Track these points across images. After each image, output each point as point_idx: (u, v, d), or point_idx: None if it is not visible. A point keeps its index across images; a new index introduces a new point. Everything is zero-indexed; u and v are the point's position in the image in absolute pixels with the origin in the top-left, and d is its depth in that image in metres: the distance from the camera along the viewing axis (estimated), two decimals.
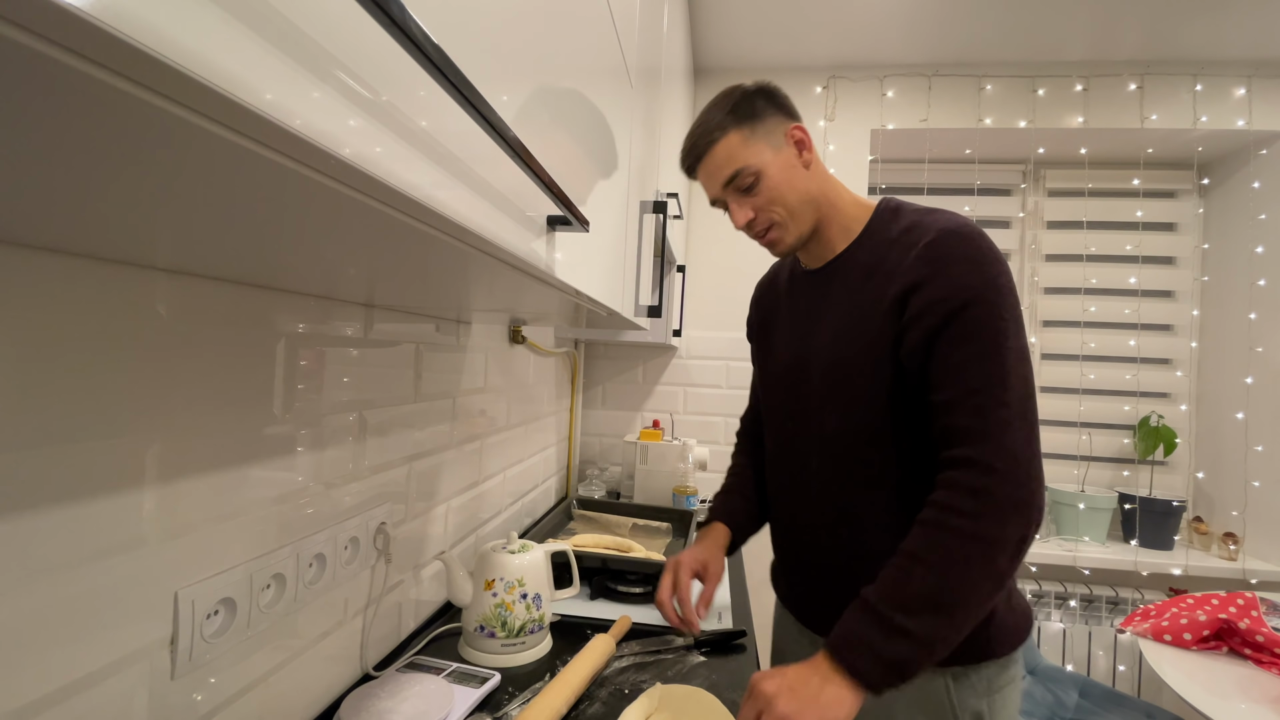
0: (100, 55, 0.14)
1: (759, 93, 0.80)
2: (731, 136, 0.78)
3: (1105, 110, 1.82)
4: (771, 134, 0.79)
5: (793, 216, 0.80)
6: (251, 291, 0.60)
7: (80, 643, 0.45)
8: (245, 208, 0.30)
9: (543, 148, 0.44)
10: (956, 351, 0.68)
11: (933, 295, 0.70)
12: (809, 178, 0.81)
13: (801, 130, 0.80)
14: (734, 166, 0.78)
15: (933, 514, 0.66)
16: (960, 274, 0.69)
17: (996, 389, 0.66)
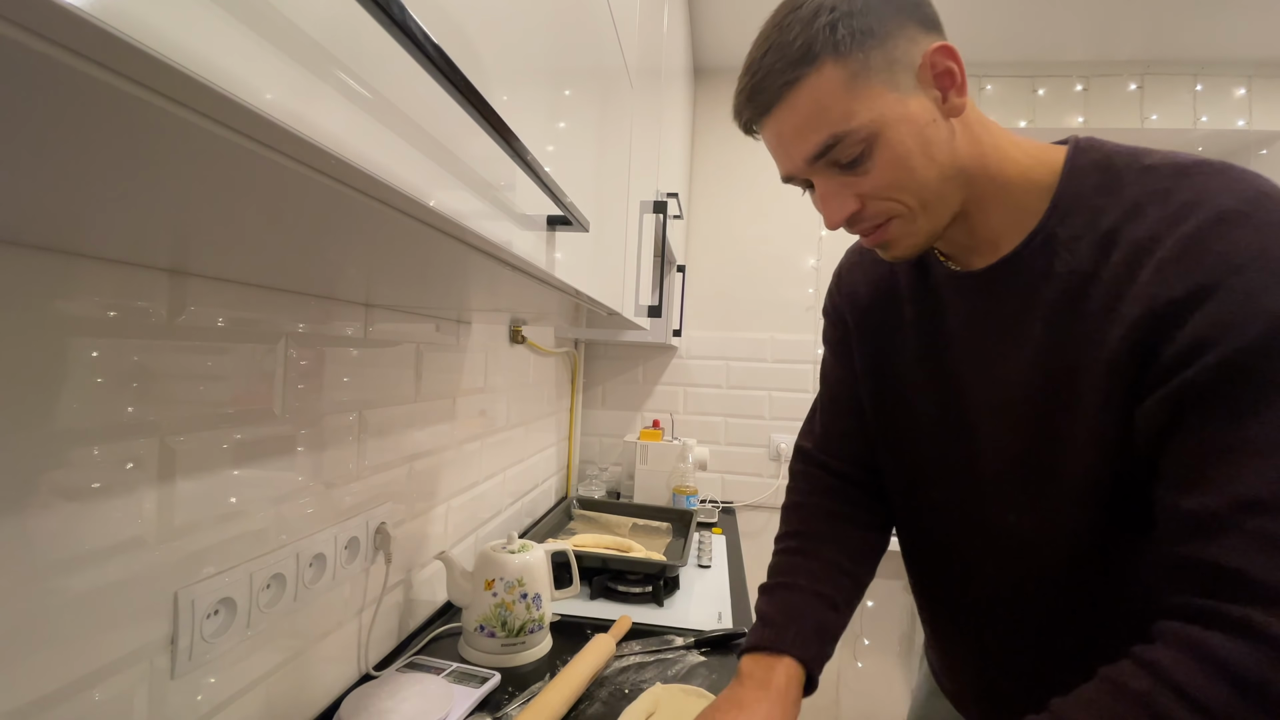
0: (100, 55, 0.14)
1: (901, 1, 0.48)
2: (827, 72, 0.46)
3: (1105, 110, 1.82)
4: (898, 65, 0.47)
5: (926, 204, 0.50)
6: (252, 291, 0.60)
7: (80, 643, 0.45)
8: (245, 208, 0.30)
9: (543, 148, 0.44)
10: (1232, 430, 0.40)
11: (1204, 329, 0.41)
12: (954, 136, 0.49)
13: (951, 54, 0.48)
14: (828, 130, 0.47)
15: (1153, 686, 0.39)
16: (1249, 287, 0.40)
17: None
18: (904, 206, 0.50)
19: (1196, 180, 0.43)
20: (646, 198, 0.98)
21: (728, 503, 1.93)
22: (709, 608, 1.12)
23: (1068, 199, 0.49)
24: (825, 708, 1.90)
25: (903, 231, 0.51)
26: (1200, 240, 0.41)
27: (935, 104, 0.48)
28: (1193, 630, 0.40)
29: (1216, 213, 0.41)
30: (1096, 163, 0.49)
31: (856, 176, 0.49)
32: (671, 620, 1.05)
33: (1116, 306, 0.45)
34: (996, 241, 0.53)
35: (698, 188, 1.99)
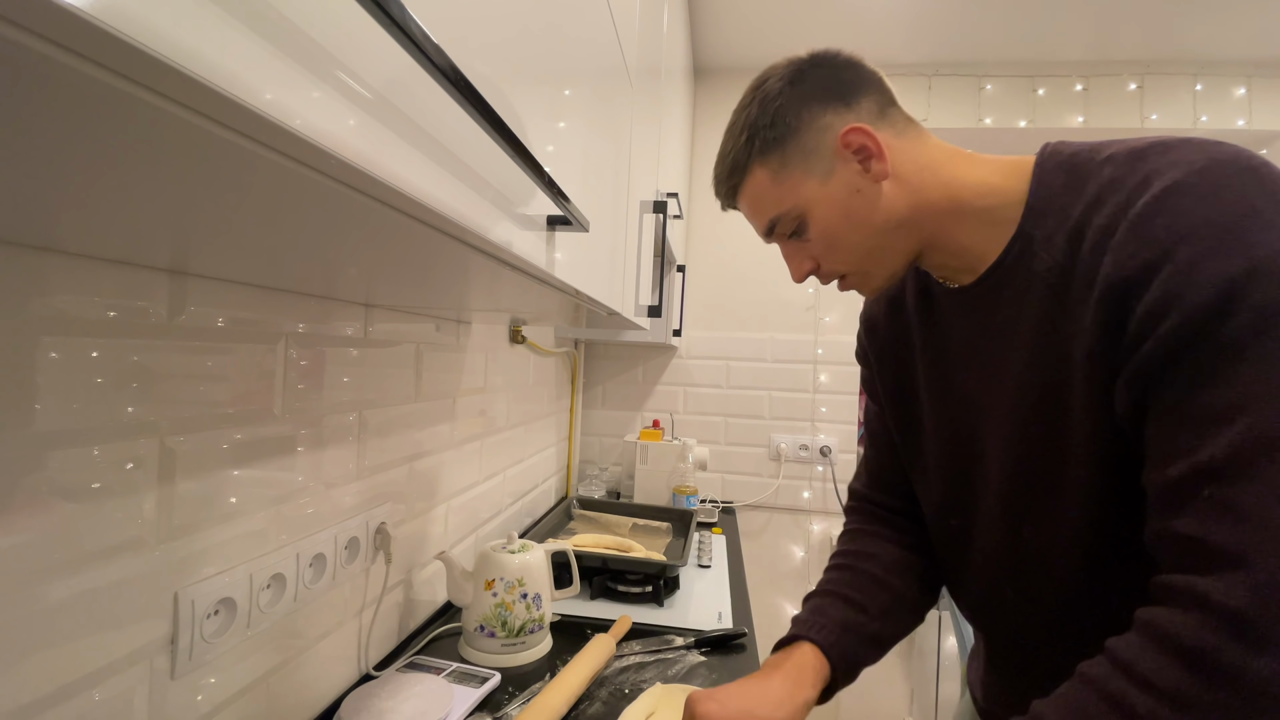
0: (100, 55, 0.14)
1: (789, 85, 0.54)
2: (755, 176, 0.57)
3: (1105, 110, 1.82)
4: (812, 154, 0.54)
5: (869, 259, 0.56)
6: (252, 291, 0.60)
7: (80, 643, 0.45)
8: (245, 207, 0.30)
9: (542, 147, 0.44)
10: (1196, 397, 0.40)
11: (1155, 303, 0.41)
12: (885, 199, 0.54)
13: (861, 132, 0.53)
14: (767, 216, 0.58)
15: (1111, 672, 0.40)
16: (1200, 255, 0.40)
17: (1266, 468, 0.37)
18: (848, 265, 0.57)
19: (1149, 160, 0.44)
20: (646, 198, 0.98)
21: (728, 503, 1.93)
22: (709, 608, 1.12)
23: (1039, 203, 0.51)
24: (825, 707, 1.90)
25: (859, 283, 0.59)
26: (1147, 216, 0.42)
27: (857, 176, 0.54)
28: (1152, 610, 0.40)
29: (1163, 187, 0.42)
30: (1061, 163, 0.51)
31: (804, 243, 0.58)
32: (671, 620, 1.05)
33: (1089, 295, 0.46)
34: (983, 254, 0.55)
35: (698, 188, 1.99)
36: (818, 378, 1.92)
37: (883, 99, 0.56)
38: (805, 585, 1.89)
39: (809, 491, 1.92)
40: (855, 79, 0.55)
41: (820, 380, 1.92)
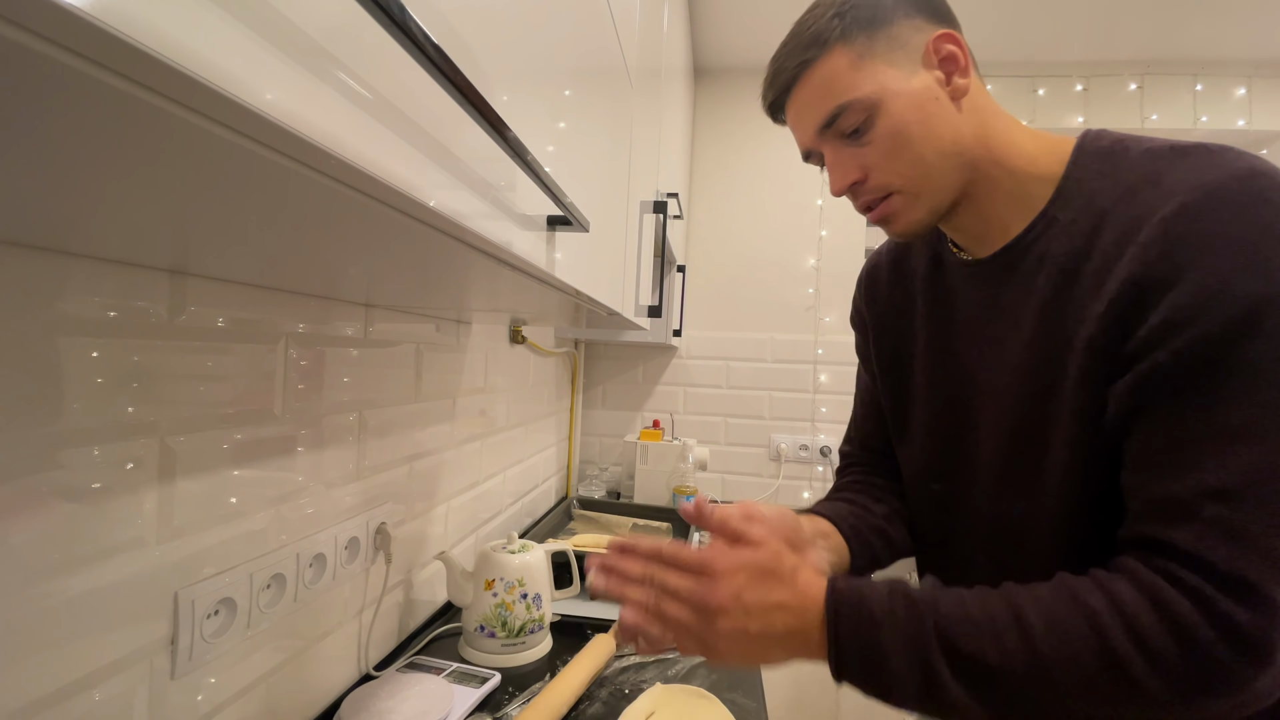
0: (100, 55, 0.14)
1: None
2: (836, 54, 0.51)
3: (1105, 110, 1.82)
4: (902, 47, 0.51)
5: (926, 179, 0.52)
6: (252, 291, 0.60)
7: (80, 643, 0.45)
8: (245, 208, 0.30)
9: (543, 147, 0.44)
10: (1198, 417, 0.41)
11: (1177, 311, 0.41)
12: (958, 117, 0.51)
13: (954, 39, 0.51)
14: (835, 101, 0.51)
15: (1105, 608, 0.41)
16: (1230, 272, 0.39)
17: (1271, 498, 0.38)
18: (903, 179, 0.52)
19: (1190, 161, 0.44)
20: (646, 198, 0.98)
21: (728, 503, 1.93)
22: None
23: (1070, 185, 0.50)
24: (825, 708, 1.90)
25: (903, 206, 0.53)
26: (1179, 220, 0.42)
27: (939, 84, 0.51)
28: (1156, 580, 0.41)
29: (1201, 193, 0.42)
30: (1101, 149, 0.50)
31: (861, 147, 0.52)
32: None
33: (1102, 285, 0.46)
34: (1005, 228, 0.54)
35: (698, 188, 1.99)
36: (818, 378, 1.92)
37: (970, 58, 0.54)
38: None
39: (809, 492, 1.92)
40: (947, 7, 0.54)
41: (820, 380, 1.92)
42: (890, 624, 0.44)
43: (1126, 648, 0.39)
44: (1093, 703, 0.40)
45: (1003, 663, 0.41)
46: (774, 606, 0.46)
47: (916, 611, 0.44)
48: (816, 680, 1.89)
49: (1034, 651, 0.41)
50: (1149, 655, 0.39)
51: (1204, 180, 0.42)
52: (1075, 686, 0.40)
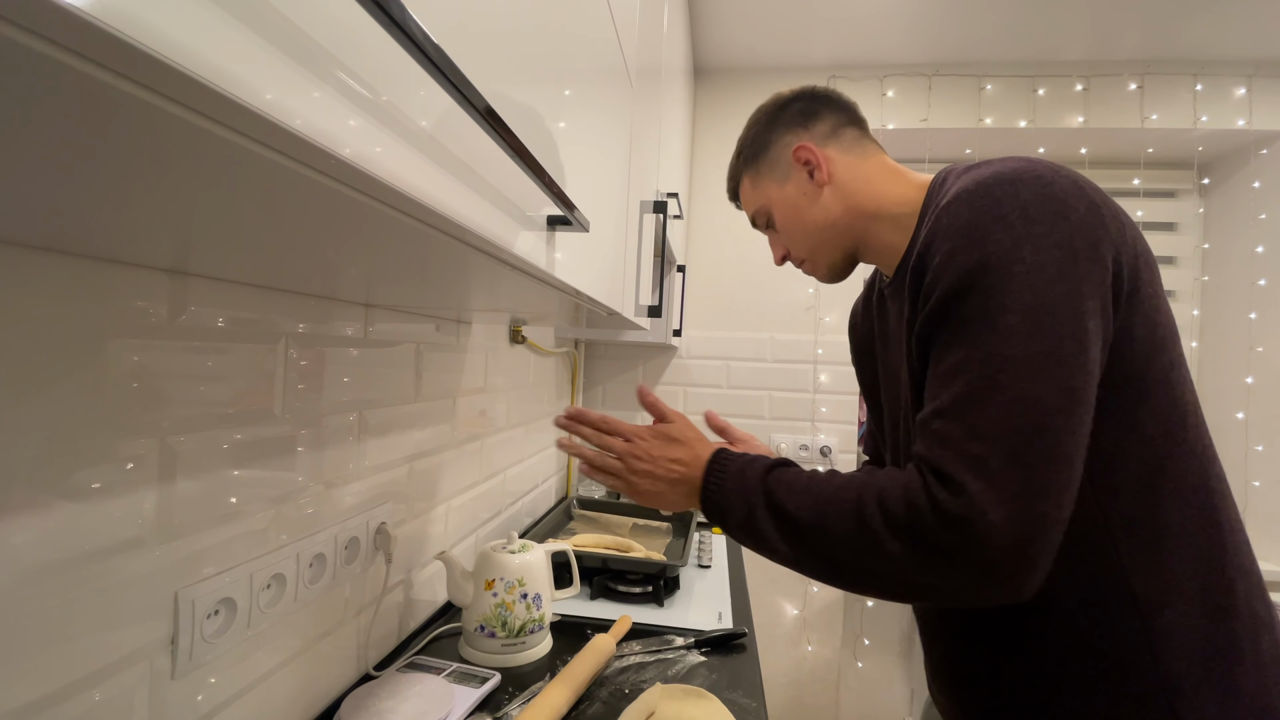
0: (100, 55, 0.14)
1: (767, 118, 0.74)
2: (744, 181, 0.77)
3: (1105, 110, 1.82)
4: (776, 165, 0.73)
5: (814, 250, 0.73)
6: (252, 291, 0.60)
7: (80, 643, 0.45)
8: (245, 208, 0.30)
9: (542, 147, 0.44)
10: (942, 358, 0.53)
11: (927, 285, 0.55)
12: (825, 201, 0.70)
13: (806, 149, 0.70)
14: (749, 211, 0.78)
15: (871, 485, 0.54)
16: (957, 248, 0.52)
17: (972, 415, 0.49)
18: (803, 252, 0.75)
19: (973, 172, 0.56)
20: (646, 198, 0.98)
21: None
22: (709, 608, 1.12)
23: (924, 211, 0.64)
24: (825, 707, 1.90)
25: (811, 268, 0.76)
26: (939, 216, 0.55)
27: (805, 183, 0.71)
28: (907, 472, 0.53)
29: (954, 194, 0.54)
30: (939, 180, 0.64)
31: (777, 233, 0.76)
32: (672, 620, 1.05)
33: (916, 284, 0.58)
34: (899, 253, 0.68)
35: (698, 188, 1.99)
36: (818, 378, 1.92)
37: (840, 121, 0.72)
38: (805, 585, 1.89)
39: None
40: (820, 108, 0.72)
41: (820, 380, 1.92)
42: (739, 479, 0.62)
43: (873, 510, 0.53)
44: (851, 551, 0.53)
45: (798, 513, 0.57)
46: (673, 460, 0.66)
47: (758, 473, 0.61)
48: (816, 680, 1.90)
49: (817, 509, 0.56)
50: (886, 516, 0.52)
51: (962, 184, 0.55)
52: (839, 538, 0.54)
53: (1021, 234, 0.50)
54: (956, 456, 0.50)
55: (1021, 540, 0.48)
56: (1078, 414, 0.49)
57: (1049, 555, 0.49)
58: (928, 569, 0.50)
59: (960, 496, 0.49)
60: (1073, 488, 0.49)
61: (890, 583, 0.53)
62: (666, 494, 0.66)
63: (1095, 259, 0.51)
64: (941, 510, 0.50)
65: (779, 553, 0.58)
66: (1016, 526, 0.47)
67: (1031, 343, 0.49)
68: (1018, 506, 0.47)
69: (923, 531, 0.50)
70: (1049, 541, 0.48)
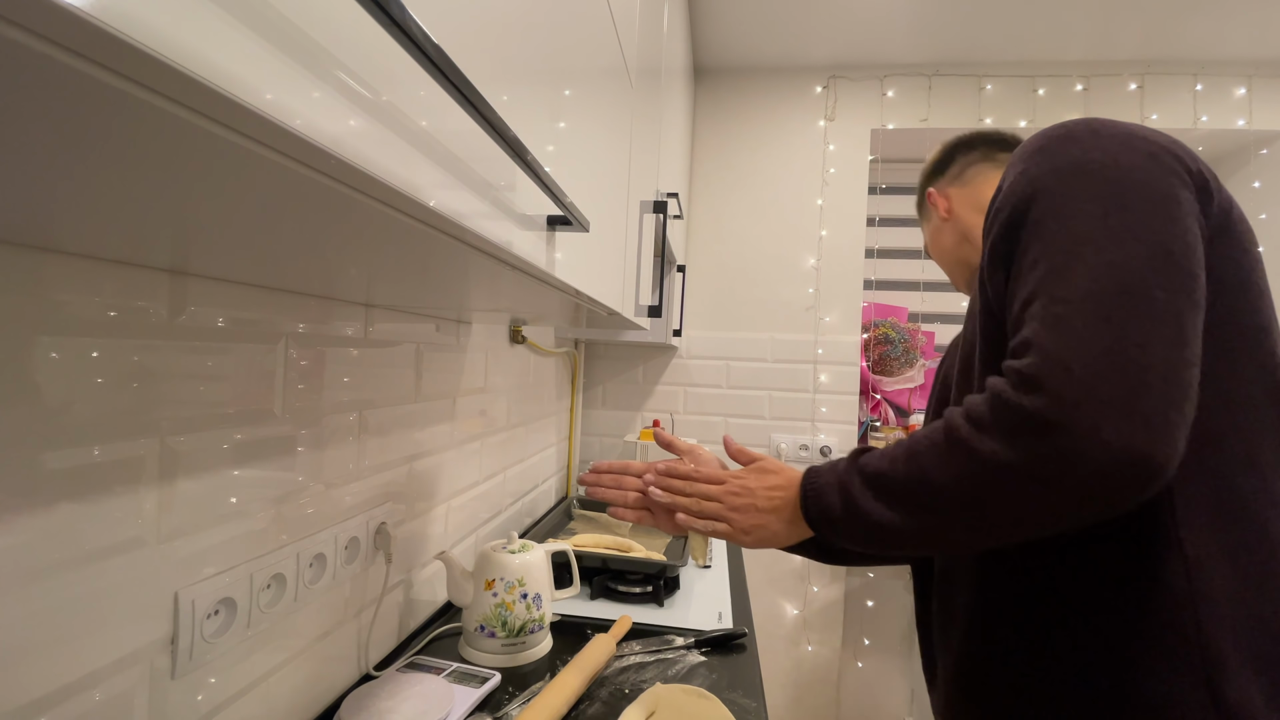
0: (100, 55, 0.14)
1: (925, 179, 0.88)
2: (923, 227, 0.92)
3: (1105, 110, 1.82)
4: (923, 208, 0.89)
5: (951, 269, 0.86)
6: (251, 291, 0.60)
7: (80, 643, 0.45)
8: (245, 208, 0.30)
9: (543, 147, 0.44)
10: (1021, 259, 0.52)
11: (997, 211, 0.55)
12: (947, 230, 0.84)
13: (931, 195, 0.85)
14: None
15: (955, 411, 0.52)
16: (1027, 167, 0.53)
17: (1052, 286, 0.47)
18: (949, 275, 0.88)
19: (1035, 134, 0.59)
20: (646, 198, 0.98)
21: None
22: (709, 608, 1.12)
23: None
24: (825, 707, 1.90)
25: (957, 286, 0.88)
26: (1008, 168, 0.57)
27: (937, 218, 0.86)
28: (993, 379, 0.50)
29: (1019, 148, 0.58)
30: None
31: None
32: (671, 620, 1.05)
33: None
34: None
35: (698, 188, 1.99)
36: (818, 378, 1.92)
37: (970, 160, 0.83)
38: (805, 585, 1.89)
39: None
40: (955, 154, 0.85)
41: (820, 380, 1.92)
42: (831, 470, 0.61)
43: (958, 422, 0.50)
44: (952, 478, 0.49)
45: (893, 469, 0.54)
46: (771, 487, 0.66)
47: (849, 458, 0.60)
48: (816, 680, 1.89)
49: (909, 456, 0.53)
50: (973, 421, 0.49)
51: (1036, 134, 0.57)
52: (935, 468, 0.51)
53: (1094, 144, 0.51)
54: (1036, 324, 0.46)
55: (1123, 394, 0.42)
56: (1178, 276, 0.45)
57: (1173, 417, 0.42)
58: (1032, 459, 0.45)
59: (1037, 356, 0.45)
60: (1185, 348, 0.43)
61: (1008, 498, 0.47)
62: (770, 523, 0.64)
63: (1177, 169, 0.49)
64: (1019, 377, 0.46)
65: (890, 527, 0.53)
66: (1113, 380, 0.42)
67: (1110, 218, 0.47)
68: (1110, 359, 0.42)
69: (1008, 414, 0.46)
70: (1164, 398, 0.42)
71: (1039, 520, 0.47)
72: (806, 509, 0.61)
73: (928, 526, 0.52)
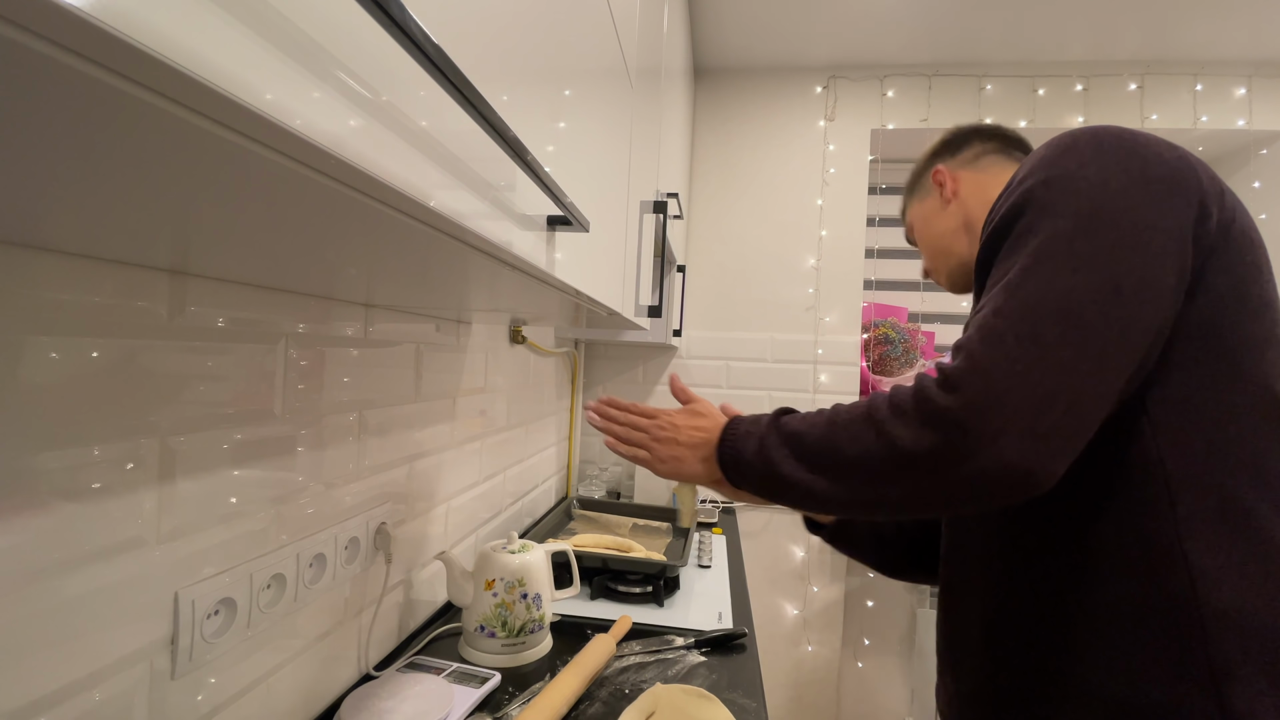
0: (100, 55, 0.14)
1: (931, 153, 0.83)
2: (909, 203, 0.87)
3: (1105, 110, 1.82)
4: (921, 186, 0.83)
5: (935, 257, 0.81)
6: (251, 291, 0.60)
7: (80, 643, 0.45)
8: (245, 208, 0.30)
9: (543, 147, 0.44)
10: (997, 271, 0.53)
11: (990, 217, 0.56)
12: (951, 210, 0.79)
13: (940, 172, 0.80)
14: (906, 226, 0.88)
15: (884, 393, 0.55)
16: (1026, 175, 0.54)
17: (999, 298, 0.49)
18: (930, 263, 0.84)
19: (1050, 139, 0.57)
20: (646, 198, 0.98)
21: (728, 503, 1.93)
22: (709, 608, 1.12)
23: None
24: (825, 708, 1.90)
25: (935, 276, 0.84)
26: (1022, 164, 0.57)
27: (936, 200, 0.81)
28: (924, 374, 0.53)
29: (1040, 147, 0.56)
30: None
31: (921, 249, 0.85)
32: (672, 620, 1.05)
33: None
34: None
35: (698, 188, 1.99)
36: (818, 378, 1.92)
37: (987, 149, 0.79)
38: (805, 585, 1.89)
39: None
40: (971, 138, 0.81)
41: (820, 380, 1.92)
42: (753, 422, 0.64)
43: (880, 403, 0.53)
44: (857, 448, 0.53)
45: (810, 430, 0.58)
46: (695, 427, 0.70)
47: (772, 414, 0.64)
48: (816, 680, 1.89)
49: (829, 423, 0.57)
50: (894, 406, 0.52)
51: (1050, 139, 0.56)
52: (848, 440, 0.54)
53: (1092, 159, 0.50)
54: (975, 332, 0.49)
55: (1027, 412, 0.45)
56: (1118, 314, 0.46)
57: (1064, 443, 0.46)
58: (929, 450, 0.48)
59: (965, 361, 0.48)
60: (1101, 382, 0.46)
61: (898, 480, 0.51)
62: (686, 457, 0.69)
63: (1173, 191, 0.49)
64: (944, 376, 0.49)
65: (791, 480, 0.57)
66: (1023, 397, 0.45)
67: (1076, 242, 0.48)
68: (1026, 378, 0.45)
69: (925, 407, 0.49)
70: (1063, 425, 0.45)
71: (920, 506, 0.52)
72: (721, 451, 0.66)
73: (825, 489, 0.56)
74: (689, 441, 0.69)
